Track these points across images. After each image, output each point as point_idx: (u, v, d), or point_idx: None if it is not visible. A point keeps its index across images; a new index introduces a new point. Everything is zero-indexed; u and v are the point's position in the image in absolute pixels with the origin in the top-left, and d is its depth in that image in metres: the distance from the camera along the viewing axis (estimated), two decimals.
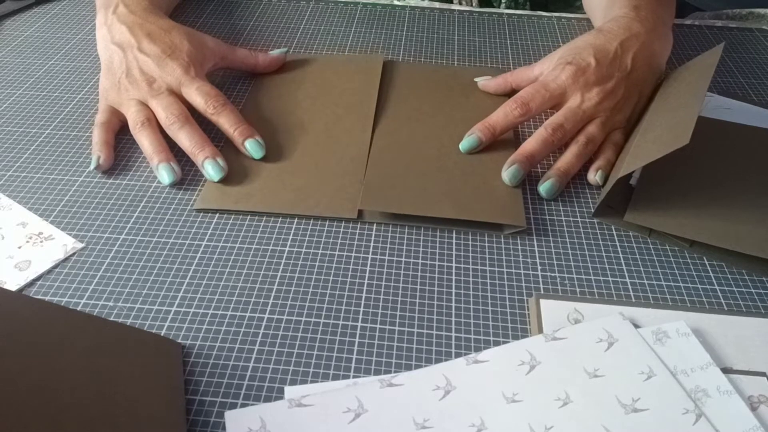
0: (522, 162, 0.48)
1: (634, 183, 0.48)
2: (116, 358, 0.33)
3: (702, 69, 0.50)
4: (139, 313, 0.39)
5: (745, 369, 0.36)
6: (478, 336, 0.38)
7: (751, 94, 0.61)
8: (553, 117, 0.50)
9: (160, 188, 0.48)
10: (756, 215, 0.45)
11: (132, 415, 0.31)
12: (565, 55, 0.53)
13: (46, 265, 0.42)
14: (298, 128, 0.53)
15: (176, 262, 0.43)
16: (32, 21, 0.70)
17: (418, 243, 0.45)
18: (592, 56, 0.52)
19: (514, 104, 0.50)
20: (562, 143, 0.50)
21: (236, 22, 0.71)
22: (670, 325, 0.38)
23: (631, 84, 0.52)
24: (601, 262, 0.43)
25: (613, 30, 0.54)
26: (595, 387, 0.34)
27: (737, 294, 0.42)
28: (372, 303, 0.40)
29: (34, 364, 0.28)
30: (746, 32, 0.72)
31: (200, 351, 0.37)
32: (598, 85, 0.51)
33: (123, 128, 0.53)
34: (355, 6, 0.75)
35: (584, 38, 0.55)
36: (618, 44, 0.53)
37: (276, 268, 0.42)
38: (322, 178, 0.48)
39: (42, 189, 0.48)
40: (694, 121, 0.41)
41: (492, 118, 0.51)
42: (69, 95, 0.58)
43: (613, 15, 0.57)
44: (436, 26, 0.71)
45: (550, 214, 0.47)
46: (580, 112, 0.50)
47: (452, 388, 0.34)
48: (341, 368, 0.36)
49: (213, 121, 0.51)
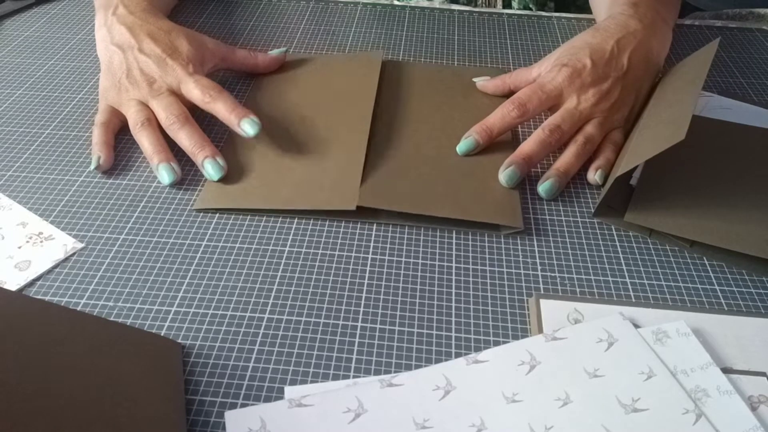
0: (519, 164, 0.48)
1: (634, 183, 0.48)
2: (116, 358, 0.33)
3: (698, 65, 0.50)
4: (139, 313, 0.39)
5: (745, 369, 0.36)
6: (478, 336, 0.38)
7: (751, 94, 0.61)
8: (551, 118, 0.50)
9: (160, 188, 0.48)
10: (756, 215, 0.45)
11: (132, 415, 0.31)
12: (561, 56, 0.53)
13: (46, 265, 0.42)
14: (298, 127, 0.53)
15: (176, 262, 0.43)
16: (32, 21, 0.70)
17: (418, 243, 0.45)
18: (588, 57, 0.52)
19: (512, 106, 0.51)
20: (560, 144, 0.50)
21: (236, 22, 0.71)
22: (670, 325, 0.38)
23: (627, 83, 0.52)
24: (601, 262, 0.43)
25: (609, 28, 0.54)
26: (595, 387, 0.34)
27: (737, 294, 0.42)
28: (372, 303, 0.40)
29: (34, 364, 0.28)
30: (746, 32, 0.72)
31: (200, 351, 0.37)
32: (594, 86, 0.51)
33: (123, 128, 0.53)
34: (355, 6, 0.75)
35: (581, 37, 0.55)
36: (614, 43, 0.53)
37: (276, 268, 0.42)
38: (320, 174, 0.48)
39: (42, 189, 0.48)
40: (689, 116, 0.41)
41: (489, 119, 0.51)
42: (69, 95, 0.58)
43: (612, 12, 0.57)
44: (436, 26, 0.71)
45: (550, 214, 0.47)
46: (577, 113, 0.50)
47: (452, 388, 0.34)
48: (341, 368, 0.36)
49: (210, 110, 0.51)
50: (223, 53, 0.58)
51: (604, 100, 0.51)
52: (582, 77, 0.51)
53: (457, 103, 0.57)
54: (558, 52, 0.55)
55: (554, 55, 0.55)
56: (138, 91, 0.51)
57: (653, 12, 0.56)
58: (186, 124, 0.49)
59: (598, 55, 0.52)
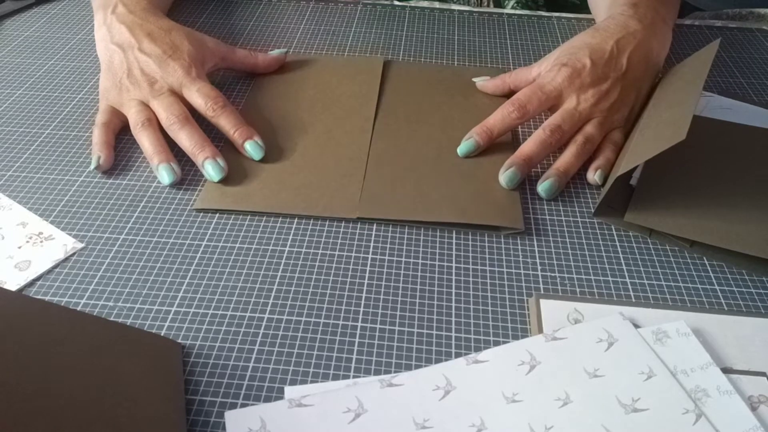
0: (519, 165, 0.48)
1: (635, 183, 0.48)
2: (116, 358, 0.33)
3: (698, 65, 0.50)
4: (139, 313, 0.39)
5: (745, 369, 0.36)
6: (478, 336, 0.38)
7: (751, 94, 0.61)
8: (551, 119, 0.50)
9: (160, 188, 0.48)
10: (756, 215, 0.45)
11: (132, 415, 0.31)
12: (561, 55, 0.53)
13: (46, 265, 0.42)
14: (298, 129, 0.53)
15: (176, 262, 0.43)
16: (32, 21, 0.70)
17: (418, 243, 0.45)
18: (588, 57, 0.52)
19: (512, 107, 0.51)
20: (560, 144, 0.50)
21: (236, 22, 0.71)
22: (670, 325, 0.38)
23: (627, 84, 0.52)
24: (601, 262, 0.43)
25: (609, 28, 0.54)
26: (595, 387, 0.34)
27: (737, 294, 0.41)
28: (372, 303, 0.40)
29: (34, 364, 0.28)
30: (746, 32, 0.72)
31: (200, 351, 0.37)
32: (593, 86, 0.51)
33: (123, 128, 0.53)
34: (355, 6, 0.75)
35: (581, 37, 0.55)
36: (614, 43, 0.53)
37: (276, 268, 0.42)
38: (321, 179, 0.48)
39: (42, 189, 0.48)
40: (690, 117, 0.41)
41: (489, 121, 0.51)
42: (69, 95, 0.58)
43: (612, 12, 0.57)
44: (436, 26, 0.71)
45: (550, 214, 0.47)
46: (576, 114, 0.50)
47: (452, 388, 0.34)
48: (341, 368, 0.36)
49: (213, 123, 0.51)
50: (223, 53, 0.58)
51: (603, 100, 0.51)
52: (581, 77, 0.51)
53: (457, 103, 0.57)
54: (558, 52, 0.55)
55: (554, 55, 0.55)
56: (139, 91, 0.51)
57: (653, 12, 0.56)
58: (186, 124, 0.49)
59: (597, 55, 0.52)
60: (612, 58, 0.52)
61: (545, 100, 0.51)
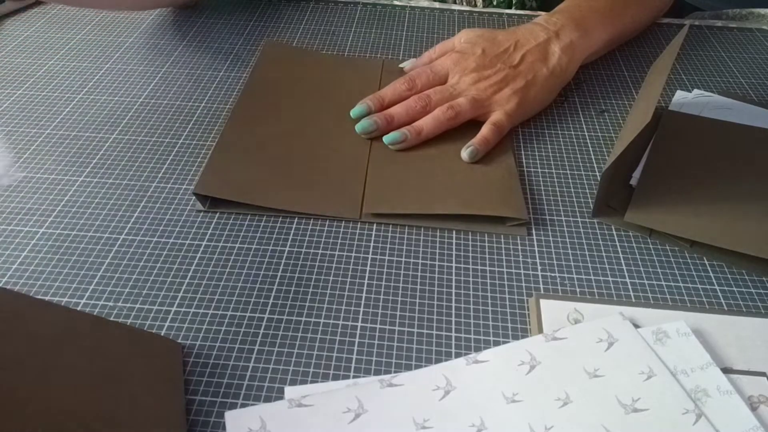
0: (380, 117, 0.52)
1: (634, 183, 0.48)
2: (116, 358, 0.33)
3: (668, 55, 0.50)
4: (139, 313, 0.39)
5: (745, 369, 0.36)
6: (478, 336, 0.38)
7: (751, 94, 0.61)
8: (426, 90, 0.54)
9: (160, 188, 0.48)
10: (756, 215, 0.45)
11: (132, 415, 0.31)
12: (467, 39, 0.58)
13: None
14: (298, 128, 0.53)
15: (176, 262, 0.43)
16: (32, 21, 0.70)
17: (418, 243, 0.45)
18: (481, 47, 0.56)
19: (402, 80, 0.55)
20: (425, 112, 0.53)
21: (236, 22, 0.71)
22: (670, 325, 0.38)
23: (516, 74, 0.55)
24: (601, 262, 0.43)
25: (518, 30, 0.59)
26: (595, 387, 0.34)
27: (737, 294, 0.41)
28: (372, 303, 0.40)
29: (34, 364, 0.28)
30: (746, 32, 0.72)
31: (200, 351, 0.37)
32: (477, 71, 0.55)
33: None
34: (355, 6, 0.75)
35: (497, 30, 0.59)
36: (514, 42, 0.57)
37: (276, 268, 0.42)
38: (323, 177, 0.48)
39: (42, 189, 0.48)
40: (655, 100, 0.43)
41: (383, 90, 0.55)
42: (69, 95, 0.58)
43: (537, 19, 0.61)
44: (436, 26, 0.71)
45: (550, 214, 0.47)
46: (450, 89, 0.54)
47: (452, 388, 0.34)
48: (341, 368, 0.36)
49: None
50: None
51: (483, 80, 0.54)
52: (467, 62, 0.56)
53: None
54: (472, 34, 0.59)
55: (469, 35, 0.59)
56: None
57: (566, 19, 0.59)
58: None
59: (492, 48, 0.57)
60: (506, 53, 0.56)
61: (433, 78, 0.56)
